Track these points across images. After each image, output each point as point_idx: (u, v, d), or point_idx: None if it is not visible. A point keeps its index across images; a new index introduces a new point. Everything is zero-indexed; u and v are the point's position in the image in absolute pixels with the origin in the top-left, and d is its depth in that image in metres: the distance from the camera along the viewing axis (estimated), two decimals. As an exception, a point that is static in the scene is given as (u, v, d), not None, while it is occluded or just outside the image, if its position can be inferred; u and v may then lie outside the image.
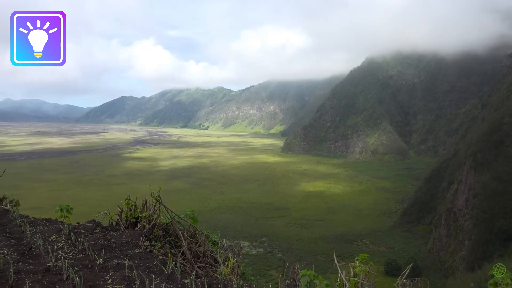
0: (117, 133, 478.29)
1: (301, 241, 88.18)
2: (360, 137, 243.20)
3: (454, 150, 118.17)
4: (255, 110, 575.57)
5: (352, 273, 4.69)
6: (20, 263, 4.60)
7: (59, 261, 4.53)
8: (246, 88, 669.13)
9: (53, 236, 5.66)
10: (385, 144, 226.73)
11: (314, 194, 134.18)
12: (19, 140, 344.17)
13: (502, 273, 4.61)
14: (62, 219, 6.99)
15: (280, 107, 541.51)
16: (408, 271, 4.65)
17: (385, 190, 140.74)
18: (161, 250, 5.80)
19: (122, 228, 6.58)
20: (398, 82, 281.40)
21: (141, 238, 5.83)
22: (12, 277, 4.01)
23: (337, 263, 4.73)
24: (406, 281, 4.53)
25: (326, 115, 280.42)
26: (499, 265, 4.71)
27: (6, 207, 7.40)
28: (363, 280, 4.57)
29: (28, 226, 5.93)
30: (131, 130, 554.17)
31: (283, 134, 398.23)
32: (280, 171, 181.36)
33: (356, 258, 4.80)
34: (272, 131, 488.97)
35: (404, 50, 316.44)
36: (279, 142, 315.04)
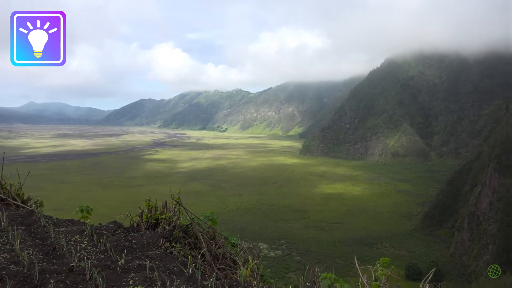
0: (137, 135, 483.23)
1: (320, 244, 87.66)
2: (379, 139, 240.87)
3: (478, 152, 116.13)
4: (273, 112, 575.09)
5: (373, 277, 4.65)
6: (44, 263, 4.69)
7: (82, 262, 4.61)
8: (264, 90, 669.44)
9: (76, 237, 5.76)
10: (405, 146, 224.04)
11: (333, 196, 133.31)
12: (42, 142, 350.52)
13: (498, 274, 4.54)
14: (83, 219, 7.12)
15: (299, 109, 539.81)
16: (431, 275, 4.59)
17: (406, 192, 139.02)
18: (181, 251, 5.85)
19: (142, 230, 6.66)
20: (419, 83, 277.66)
21: (162, 239, 5.89)
22: (37, 277, 4.10)
23: (358, 266, 4.71)
24: (429, 286, 4.48)
25: (345, 117, 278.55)
26: (494, 266, 4.64)
27: (31, 208, 7.56)
28: (384, 284, 4.53)
29: (52, 227, 6.05)
30: (150, 132, 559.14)
31: (301, 136, 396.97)
32: (299, 173, 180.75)
33: (377, 262, 4.76)
34: (291, 133, 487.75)
35: (425, 50, 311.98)
36: (298, 144, 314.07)
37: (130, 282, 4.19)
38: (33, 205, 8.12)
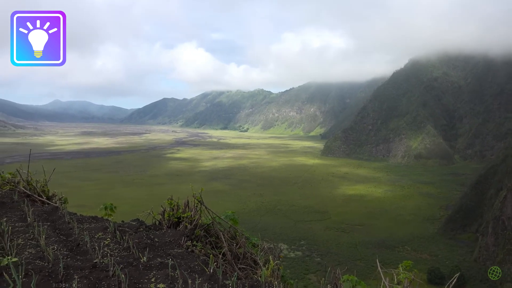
0: (159, 134, 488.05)
1: (340, 246, 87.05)
2: (402, 140, 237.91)
3: (503, 155, 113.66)
4: (295, 112, 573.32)
5: (395, 280, 4.59)
6: (68, 259, 4.77)
7: (105, 258, 4.67)
8: (286, 90, 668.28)
9: (99, 234, 5.84)
10: (429, 148, 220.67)
11: (354, 198, 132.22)
12: (66, 140, 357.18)
13: (498, 277, 4.44)
14: (106, 217, 7.22)
15: (321, 109, 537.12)
16: (455, 280, 4.51)
17: (429, 195, 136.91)
18: (202, 250, 5.87)
19: (164, 228, 6.71)
20: (443, 84, 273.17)
21: (183, 238, 5.92)
22: (62, 272, 4.17)
23: (380, 269, 4.64)
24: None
25: (367, 118, 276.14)
26: (495, 268, 4.53)
27: (55, 204, 7.70)
28: (407, 288, 4.47)
29: (76, 223, 6.14)
30: (172, 131, 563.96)
31: (323, 136, 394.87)
32: (320, 174, 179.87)
33: (400, 265, 4.70)
34: (312, 133, 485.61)
35: (450, 51, 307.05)
36: (319, 145, 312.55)
37: (152, 280, 4.22)
38: (57, 201, 8.27)
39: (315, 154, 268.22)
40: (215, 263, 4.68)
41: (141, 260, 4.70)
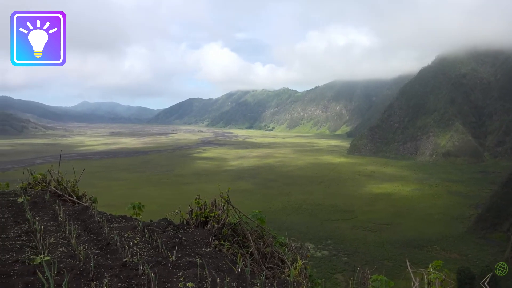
0: (185, 134, 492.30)
1: (367, 245, 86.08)
2: (430, 138, 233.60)
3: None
4: (320, 111, 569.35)
5: (426, 280, 4.49)
6: (99, 257, 4.85)
7: (134, 257, 4.73)
8: (312, 89, 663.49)
9: (129, 233, 5.92)
10: (457, 146, 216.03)
11: (381, 196, 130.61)
12: (95, 140, 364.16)
13: (505, 272, 4.28)
14: (134, 216, 7.31)
15: (346, 107, 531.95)
16: (487, 279, 4.39)
17: (458, 194, 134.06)
18: (230, 249, 5.89)
19: (192, 227, 6.75)
20: (472, 81, 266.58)
21: (211, 237, 5.95)
22: (93, 271, 4.24)
23: (410, 269, 4.56)
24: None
25: (394, 116, 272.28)
26: (502, 264, 4.36)
27: (85, 204, 7.85)
28: (438, 288, 4.37)
29: (106, 223, 6.25)
30: (198, 131, 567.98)
31: (349, 135, 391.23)
32: (346, 172, 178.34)
33: (430, 265, 4.60)
34: (338, 132, 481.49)
35: (479, 46, 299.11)
36: (345, 144, 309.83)
37: (181, 279, 4.25)
38: (87, 201, 8.43)
39: (341, 152, 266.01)
40: (243, 262, 4.69)
41: (170, 259, 4.73)
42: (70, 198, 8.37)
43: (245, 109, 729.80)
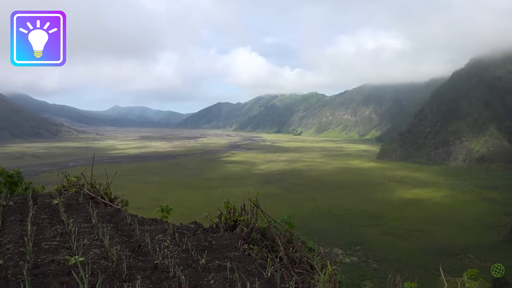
0: (214, 138, 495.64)
1: (398, 252, 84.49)
2: (463, 143, 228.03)
3: None
4: (349, 115, 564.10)
5: (460, 289, 4.38)
6: (131, 259, 4.93)
7: (165, 259, 4.79)
8: (340, 93, 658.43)
9: (159, 236, 6.00)
10: (492, 151, 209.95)
11: (411, 202, 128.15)
12: (126, 144, 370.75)
13: (501, 274, 4.10)
14: (164, 218, 7.41)
15: (376, 111, 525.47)
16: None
17: (493, 201, 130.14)
18: (259, 254, 5.89)
19: (221, 231, 6.80)
20: (508, 84, 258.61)
21: (240, 241, 5.97)
22: (125, 272, 4.32)
23: (443, 277, 4.46)
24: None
25: (425, 120, 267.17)
26: (498, 265, 4.19)
27: (117, 206, 8.00)
28: (473, 298, 4.26)
29: (137, 225, 6.35)
30: (226, 135, 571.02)
31: (378, 140, 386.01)
32: (375, 177, 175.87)
33: (465, 274, 4.48)
34: (367, 136, 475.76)
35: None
36: (375, 148, 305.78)
37: (211, 282, 4.28)
38: (119, 203, 8.60)
39: (370, 157, 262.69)
40: (272, 267, 4.68)
41: (200, 262, 4.78)
42: (103, 200, 8.56)
43: (273, 113, 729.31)
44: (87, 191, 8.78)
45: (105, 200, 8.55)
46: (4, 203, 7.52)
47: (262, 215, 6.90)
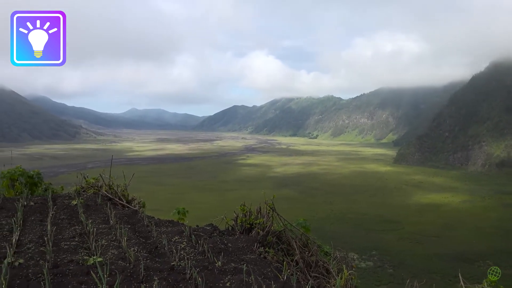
0: (229, 140, 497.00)
1: (414, 257, 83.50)
2: (482, 148, 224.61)
3: None
4: (366, 119, 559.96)
5: (479, 295, 4.33)
6: (148, 261, 4.99)
7: (182, 261, 4.83)
8: (357, 96, 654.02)
9: (176, 237, 6.06)
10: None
11: (429, 207, 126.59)
12: (143, 146, 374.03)
13: (498, 276, 4.01)
14: (180, 220, 7.47)
15: (393, 115, 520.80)
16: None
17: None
18: (275, 257, 5.90)
19: (237, 233, 6.82)
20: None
21: (256, 244, 5.98)
22: (142, 273, 4.37)
23: (462, 284, 4.41)
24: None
25: (443, 124, 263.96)
26: (495, 268, 4.09)
27: (135, 208, 8.09)
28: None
29: (154, 227, 6.42)
30: (242, 138, 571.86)
31: (395, 144, 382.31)
32: (392, 182, 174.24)
33: (484, 280, 4.42)
34: (384, 140, 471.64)
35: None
36: (391, 152, 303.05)
37: (227, 284, 4.30)
38: (136, 205, 8.69)
39: (387, 161, 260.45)
40: (288, 270, 4.69)
41: (216, 265, 4.80)
42: (120, 202, 8.65)
43: (289, 116, 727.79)
44: (105, 192, 8.89)
45: (123, 202, 8.64)
46: (25, 203, 7.66)
47: (278, 218, 6.91)
